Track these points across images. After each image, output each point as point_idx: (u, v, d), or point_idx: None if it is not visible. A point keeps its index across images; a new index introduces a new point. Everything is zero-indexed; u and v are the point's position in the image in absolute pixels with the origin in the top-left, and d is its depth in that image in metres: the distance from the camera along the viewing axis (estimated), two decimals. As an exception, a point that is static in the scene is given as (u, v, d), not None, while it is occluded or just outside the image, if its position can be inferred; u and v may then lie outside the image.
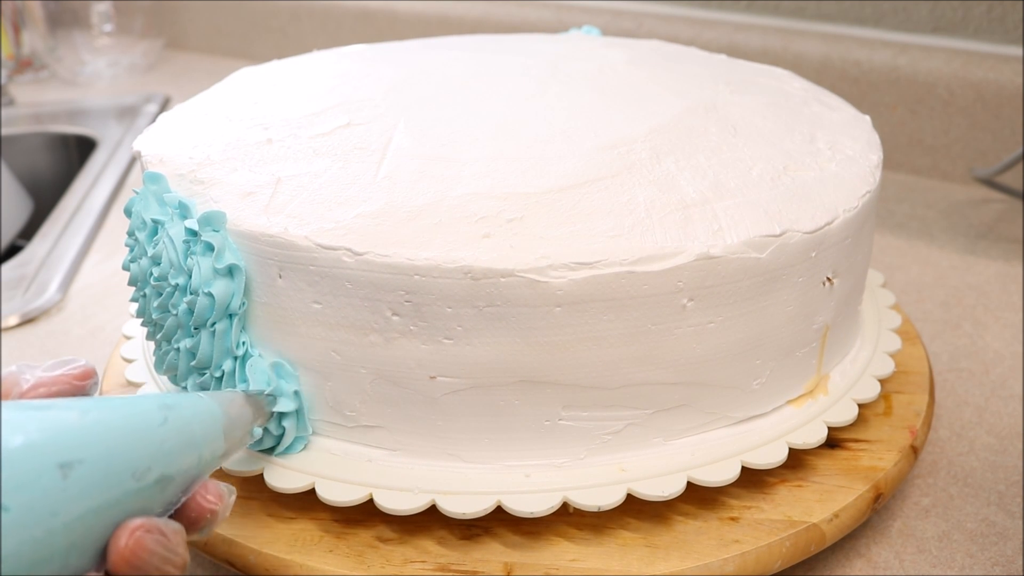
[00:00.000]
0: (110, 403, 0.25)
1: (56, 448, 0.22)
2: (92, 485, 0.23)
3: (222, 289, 0.35)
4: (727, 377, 0.37)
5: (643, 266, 0.33)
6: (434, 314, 0.34)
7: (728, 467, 0.37)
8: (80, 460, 0.23)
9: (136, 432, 0.25)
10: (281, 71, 0.53)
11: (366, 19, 1.10)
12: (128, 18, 1.15)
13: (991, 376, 0.52)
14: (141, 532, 0.24)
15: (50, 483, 0.22)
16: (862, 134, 0.45)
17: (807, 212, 0.37)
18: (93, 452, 0.23)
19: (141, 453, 0.25)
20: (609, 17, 0.93)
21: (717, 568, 0.35)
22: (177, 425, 0.27)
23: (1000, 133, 0.76)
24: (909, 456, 0.41)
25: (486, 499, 0.35)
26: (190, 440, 0.27)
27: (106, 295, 0.64)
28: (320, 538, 0.36)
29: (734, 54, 0.81)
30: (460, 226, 0.34)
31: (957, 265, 0.66)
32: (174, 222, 0.36)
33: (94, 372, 0.28)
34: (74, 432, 0.23)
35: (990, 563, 0.39)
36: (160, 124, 0.45)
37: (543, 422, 0.36)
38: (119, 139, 0.94)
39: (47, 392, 0.26)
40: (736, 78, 0.51)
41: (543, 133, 0.42)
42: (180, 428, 0.27)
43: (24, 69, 1.16)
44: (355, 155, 0.40)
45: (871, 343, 0.45)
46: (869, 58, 0.80)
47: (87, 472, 0.23)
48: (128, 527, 0.24)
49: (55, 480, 0.22)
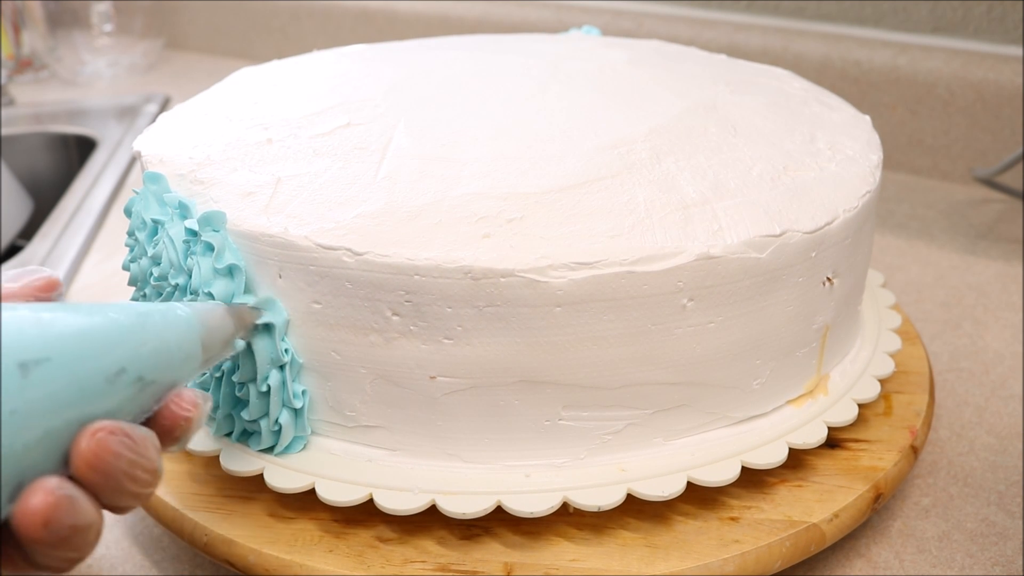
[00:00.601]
0: (81, 307, 0.25)
1: (16, 347, 0.22)
2: (55, 385, 0.22)
3: (222, 289, 0.35)
4: (727, 377, 0.37)
5: (643, 266, 0.33)
6: (434, 314, 0.34)
7: (728, 467, 0.37)
8: (44, 359, 0.22)
9: (108, 334, 0.24)
10: (281, 71, 0.53)
11: (366, 19, 1.10)
12: (128, 18, 1.15)
13: (991, 376, 0.52)
14: (104, 433, 0.23)
15: (8, 381, 0.21)
16: (862, 134, 0.45)
17: (807, 212, 0.37)
18: (59, 352, 0.23)
19: (114, 355, 0.24)
20: (609, 17, 0.93)
21: (717, 568, 0.35)
22: (153, 330, 0.26)
23: (1000, 133, 0.76)
24: (909, 456, 0.41)
25: (486, 499, 0.35)
26: (164, 346, 0.27)
27: (106, 295, 0.64)
28: (320, 538, 0.36)
29: (734, 54, 0.81)
30: (460, 226, 0.34)
31: (957, 265, 0.66)
32: (174, 222, 0.36)
33: (59, 283, 0.27)
34: (37, 331, 0.23)
35: (990, 563, 0.39)
36: (160, 124, 0.45)
37: (543, 422, 0.36)
38: (119, 139, 0.94)
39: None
40: (736, 78, 0.51)
41: (543, 133, 0.42)
42: (156, 333, 0.26)
43: (24, 69, 1.16)
44: (355, 155, 0.40)
45: (871, 343, 0.45)
46: (869, 58, 0.80)
47: (51, 371, 0.22)
48: (90, 429, 0.23)
49: (13, 378, 0.21)
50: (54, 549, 0.22)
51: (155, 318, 0.27)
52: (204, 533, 0.36)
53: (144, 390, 0.25)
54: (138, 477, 0.24)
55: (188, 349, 0.28)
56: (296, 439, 0.37)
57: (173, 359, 0.27)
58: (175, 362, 0.27)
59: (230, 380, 0.36)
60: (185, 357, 0.28)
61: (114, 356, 0.24)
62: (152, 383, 0.26)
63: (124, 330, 0.25)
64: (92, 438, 0.23)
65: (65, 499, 0.22)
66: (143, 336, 0.26)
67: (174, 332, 0.27)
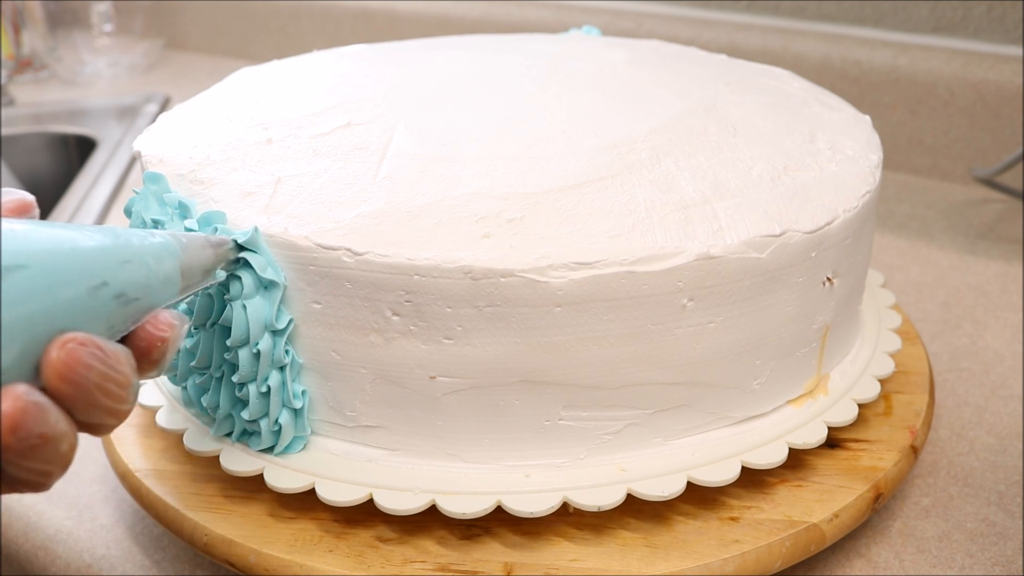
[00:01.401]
0: (60, 224, 0.25)
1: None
2: (31, 291, 0.22)
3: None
4: (727, 377, 0.37)
5: (643, 266, 0.33)
6: (434, 314, 0.34)
7: (728, 467, 0.37)
8: (21, 266, 0.22)
9: (90, 247, 0.25)
10: (281, 71, 0.53)
11: (366, 19, 1.10)
12: (128, 18, 1.15)
13: (991, 376, 0.52)
14: (74, 344, 0.22)
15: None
16: (862, 134, 0.45)
17: (807, 212, 0.37)
18: (37, 260, 0.23)
19: (96, 268, 0.24)
20: (609, 17, 0.93)
21: (717, 568, 0.35)
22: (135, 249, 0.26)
23: (1000, 133, 0.76)
24: (909, 456, 0.41)
25: (486, 499, 0.35)
26: (144, 266, 0.27)
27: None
28: (320, 538, 0.36)
29: (734, 54, 0.81)
30: (460, 226, 0.34)
31: (957, 265, 0.66)
32: (174, 222, 0.36)
33: (33, 204, 0.27)
34: (15, 239, 0.22)
35: (990, 563, 0.39)
36: (160, 124, 0.45)
37: (543, 422, 0.36)
38: (119, 139, 0.94)
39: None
40: (736, 78, 0.51)
41: (543, 133, 0.42)
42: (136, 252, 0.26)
43: (24, 69, 1.16)
44: (355, 155, 0.40)
45: (871, 343, 0.45)
46: (869, 58, 0.80)
47: (28, 277, 0.22)
48: (60, 339, 0.22)
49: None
50: (24, 459, 0.22)
51: (136, 239, 0.27)
52: (204, 533, 0.36)
53: (124, 307, 0.25)
54: (110, 391, 0.23)
55: (167, 272, 0.28)
56: (296, 439, 0.37)
57: (152, 280, 0.27)
58: (154, 283, 0.27)
59: (230, 380, 0.36)
60: (164, 280, 0.28)
61: (96, 269, 0.24)
62: (133, 301, 0.26)
63: (106, 245, 0.25)
64: (62, 348, 0.22)
65: (33, 405, 0.21)
66: (126, 253, 0.26)
67: (153, 254, 0.27)
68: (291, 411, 0.36)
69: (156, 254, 0.28)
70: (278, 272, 0.34)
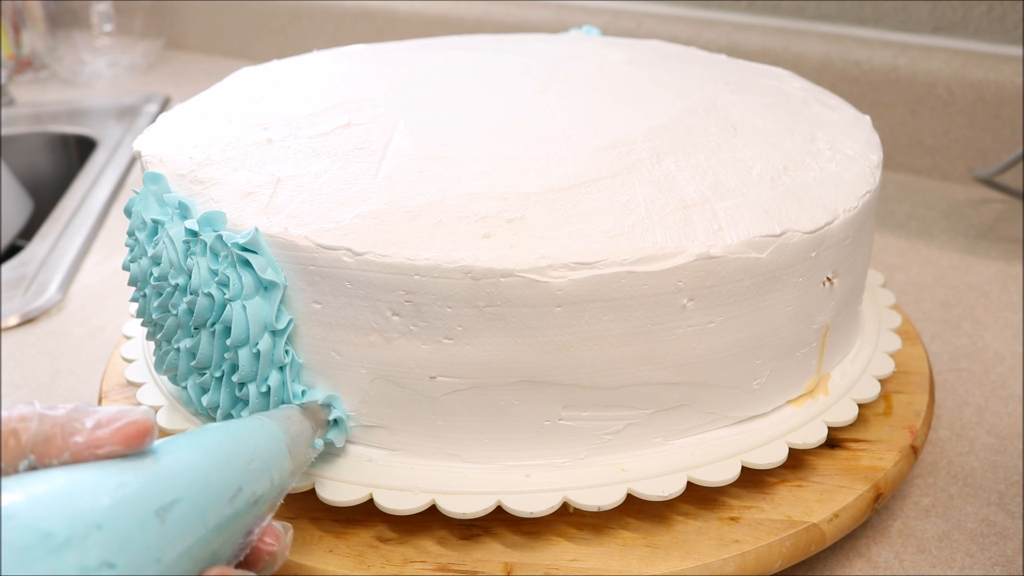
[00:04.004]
0: (182, 438, 0.25)
1: (152, 494, 0.22)
2: (189, 522, 0.23)
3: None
4: (727, 377, 0.37)
5: (643, 266, 0.33)
6: (434, 314, 0.34)
7: (728, 467, 0.37)
8: (176, 500, 0.22)
9: (221, 458, 0.25)
10: (281, 71, 0.53)
11: (366, 19, 1.10)
12: (128, 18, 1.15)
13: (991, 376, 0.52)
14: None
15: (150, 531, 0.21)
16: (862, 134, 0.45)
17: (807, 212, 0.37)
18: (187, 489, 0.23)
19: (231, 476, 0.25)
20: (609, 17, 0.93)
21: (717, 568, 0.35)
22: (255, 446, 0.27)
23: (1000, 133, 0.76)
24: (909, 456, 0.41)
25: (486, 499, 0.35)
26: (264, 462, 0.27)
27: (106, 295, 0.64)
28: (320, 538, 0.36)
29: (734, 54, 0.81)
30: (460, 226, 0.34)
31: (957, 265, 0.66)
32: (174, 222, 0.36)
33: (153, 428, 0.24)
34: (166, 474, 0.23)
35: (990, 563, 0.39)
36: (160, 124, 0.45)
37: (543, 422, 0.36)
38: (119, 139, 0.94)
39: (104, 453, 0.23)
40: (736, 78, 0.51)
41: (543, 133, 0.42)
42: (257, 449, 0.27)
43: (24, 69, 1.16)
44: (355, 155, 0.40)
45: (871, 343, 0.45)
46: (869, 58, 0.80)
47: (184, 510, 0.22)
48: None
49: (154, 527, 0.21)
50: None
51: (253, 434, 0.28)
52: (204, 533, 0.36)
53: (254, 508, 0.26)
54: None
55: (281, 461, 0.28)
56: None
57: (272, 473, 0.28)
58: (274, 476, 0.28)
59: (230, 380, 0.36)
60: (280, 469, 0.28)
61: (232, 477, 0.25)
62: (260, 500, 0.26)
63: (234, 449, 0.26)
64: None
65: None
66: (250, 454, 0.26)
67: (265, 446, 0.28)
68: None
69: (268, 446, 0.28)
70: (278, 272, 0.34)
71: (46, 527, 0.19)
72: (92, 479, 0.21)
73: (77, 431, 0.23)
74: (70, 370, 0.55)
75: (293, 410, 0.33)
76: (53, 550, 0.19)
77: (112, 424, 0.23)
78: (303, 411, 0.33)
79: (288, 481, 0.29)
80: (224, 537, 0.24)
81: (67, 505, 0.20)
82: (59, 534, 0.19)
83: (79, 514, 0.20)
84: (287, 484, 0.29)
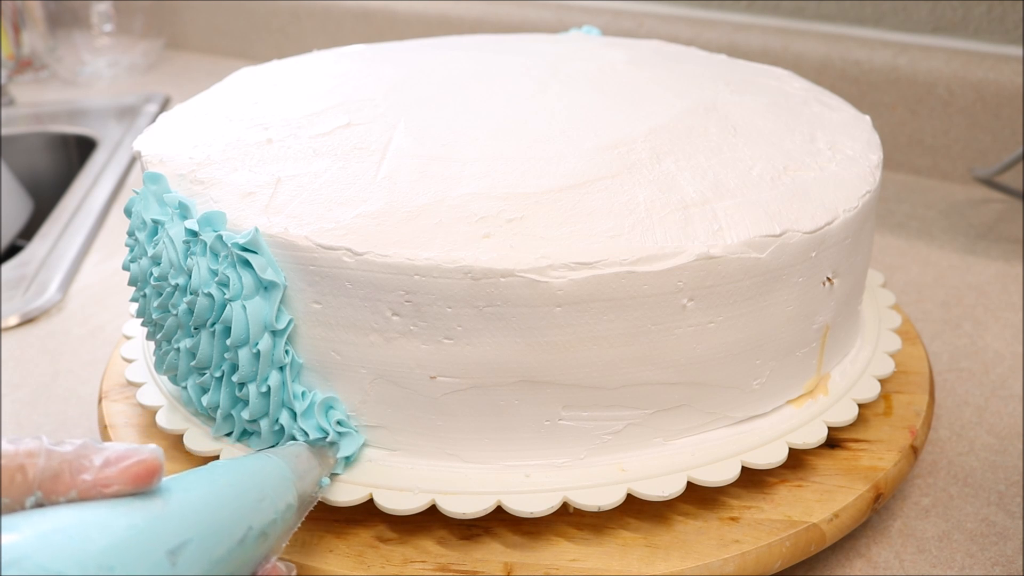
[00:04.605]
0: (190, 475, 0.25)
1: (163, 534, 0.22)
2: (199, 562, 0.22)
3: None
4: (727, 377, 0.37)
5: (643, 266, 0.33)
6: (434, 314, 0.34)
7: (728, 467, 0.37)
8: (187, 541, 0.22)
9: (231, 497, 0.25)
10: (281, 71, 0.53)
11: (366, 19, 1.10)
12: (128, 18, 1.15)
13: (991, 376, 0.52)
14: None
15: (160, 573, 0.21)
16: (862, 134, 0.45)
17: (807, 212, 0.37)
18: (198, 529, 0.23)
19: (241, 515, 0.25)
20: (609, 17, 0.93)
21: (717, 568, 0.35)
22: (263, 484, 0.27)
23: (1000, 133, 0.76)
24: (909, 456, 0.41)
25: (486, 499, 0.35)
26: (272, 500, 0.27)
27: (106, 295, 0.64)
28: (320, 538, 0.36)
29: (734, 54, 0.81)
30: (460, 226, 0.34)
31: (957, 265, 0.66)
32: (174, 222, 0.36)
33: (160, 467, 0.24)
34: (177, 514, 0.23)
35: (990, 563, 0.39)
36: (160, 124, 0.45)
37: (543, 422, 0.36)
38: (119, 139, 0.94)
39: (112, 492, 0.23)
40: (736, 78, 0.51)
41: (543, 133, 0.42)
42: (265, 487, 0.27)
43: (24, 69, 1.16)
44: (355, 155, 0.40)
45: (871, 343, 0.45)
46: (869, 58, 0.80)
47: (194, 551, 0.22)
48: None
49: (165, 568, 0.21)
50: None
51: (263, 472, 0.28)
52: (204, 533, 0.36)
53: (260, 546, 0.26)
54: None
55: (288, 499, 0.29)
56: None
57: (278, 511, 0.28)
58: (279, 514, 0.28)
59: (230, 380, 0.36)
60: (286, 507, 0.28)
61: (241, 516, 0.25)
62: (267, 537, 0.26)
63: (243, 489, 0.26)
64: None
65: None
66: (259, 491, 0.26)
67: (275, 484, 0.28)
68: (290, 411, 0.36)
69: (276, 484, 0.28)
70: (278, 272, 0.34)
71: (57, 568, 0.19)
72: (101, 518, 0.21)
73: (85, 468, 0.22)
74: (70, 370, 0.55)
75: (301, 448, 0.33)
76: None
77: (121, 463, 0.23)
78: (311, 450, 0.33)
79: (294, 520, 0.29)
80: (236, 569, 0.24)
81: (77, 546, 0.20)
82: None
83: (89, 555, 0.20)
84: (293, 524, 0.29)
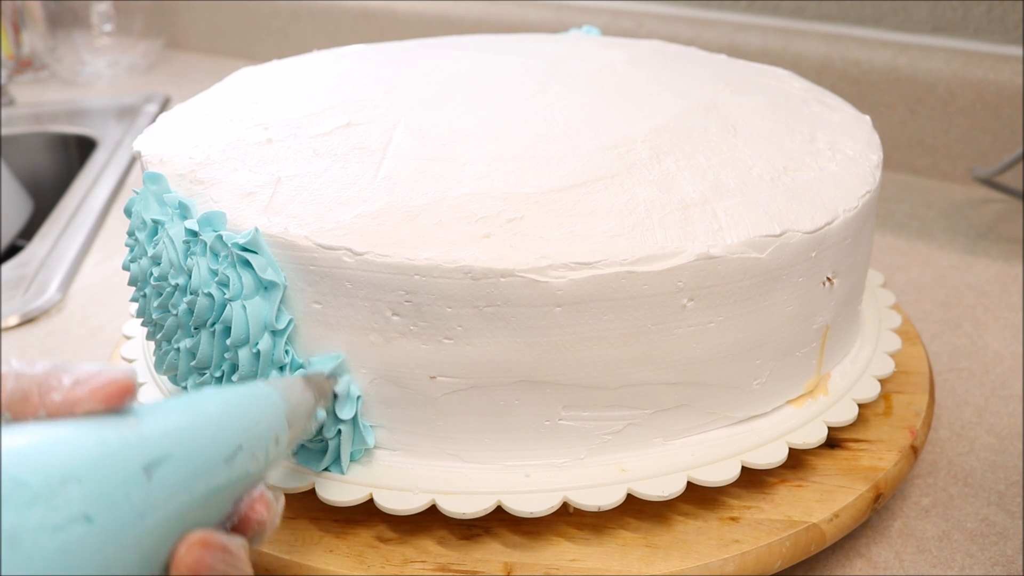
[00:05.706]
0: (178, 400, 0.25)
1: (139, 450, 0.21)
2: (179, 481, 0.22)
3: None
4: (727, 377, 0.37)
5: (643, 266, 0.33)
6: (434, 314, 0.34)
7: (728, 467, 0.37)
8: (166, 457, 0.22)
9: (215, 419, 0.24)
10: (281, 71, 0.53)
11: (366, 19, 1.10)
12: (128, 18, 1.15)
13: (991, 376, 0.52)
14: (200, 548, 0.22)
15: (134, 487, 0.21)
16: (862, 134, 0.45)
17: (807, 212, 0.37)
18: (178, 447, 0.22)
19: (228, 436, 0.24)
20: (609, 17, 0.93)
21: (717, 568, 0.35)
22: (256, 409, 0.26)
23: (1000, 133, 0.76)
24: (909, 456, 0.41)
25: (486, 499, 0.35)
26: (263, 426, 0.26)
27: (106, 295, 0.64)
28: (320, 538, 0.36)
29: (734, 54, 0.81)
30: (460, 226, 0.34)
31: (957, 265, 0.66)
32: (174, 222, 0.36)
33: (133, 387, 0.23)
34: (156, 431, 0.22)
35: (990, 563, 0.39)
36: (160, 124, 0.45)
37: (543, 422, 0.36)
38: (119, 139, 0.94)
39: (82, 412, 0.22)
40: (736, 78, 0.51)
41: (543, 133, 0.42)
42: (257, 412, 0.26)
43: (24, 69, 1.16)
44: (355, 155, 0.40)
45: (871, 343, 0.45)
46: (869, 58, 0.80)
47: (174, 468, 0.22)
48: (188, 539, 0.22)
49: (139, 483, 0.21)
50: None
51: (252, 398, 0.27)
52: (204, 533, 0.36)
53: (249, 467, 0.25)
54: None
55: (278, 430, 0.28)
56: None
57: (268, 439, 0.27)
58: (270, 445, 0.27)
59: (230, 380, 0.36)
60: (275, 437, 0.28)
61: (230, 435, 0.24)
62: (256, 460, 0.26)
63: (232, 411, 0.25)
64: (189, 552, 0.22)
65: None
66: (251, 414, 0.26)
67: (265, 411, 0.27)
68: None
69: (266, 411, 0.27)
70: (278, 272, 0.34)
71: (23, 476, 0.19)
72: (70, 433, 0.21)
73: (54, 388, 0.22)
74: (70, 370, 0.55)
75: (295, 379, 0.31)
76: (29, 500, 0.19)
77: (91, 382, 0.22)
78: (306, 381, 0.32)
79: (284, 452, 0.28)
80: (215, 501, 0.23)
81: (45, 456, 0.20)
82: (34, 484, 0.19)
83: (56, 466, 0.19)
84: (283, 454, 0.28)
